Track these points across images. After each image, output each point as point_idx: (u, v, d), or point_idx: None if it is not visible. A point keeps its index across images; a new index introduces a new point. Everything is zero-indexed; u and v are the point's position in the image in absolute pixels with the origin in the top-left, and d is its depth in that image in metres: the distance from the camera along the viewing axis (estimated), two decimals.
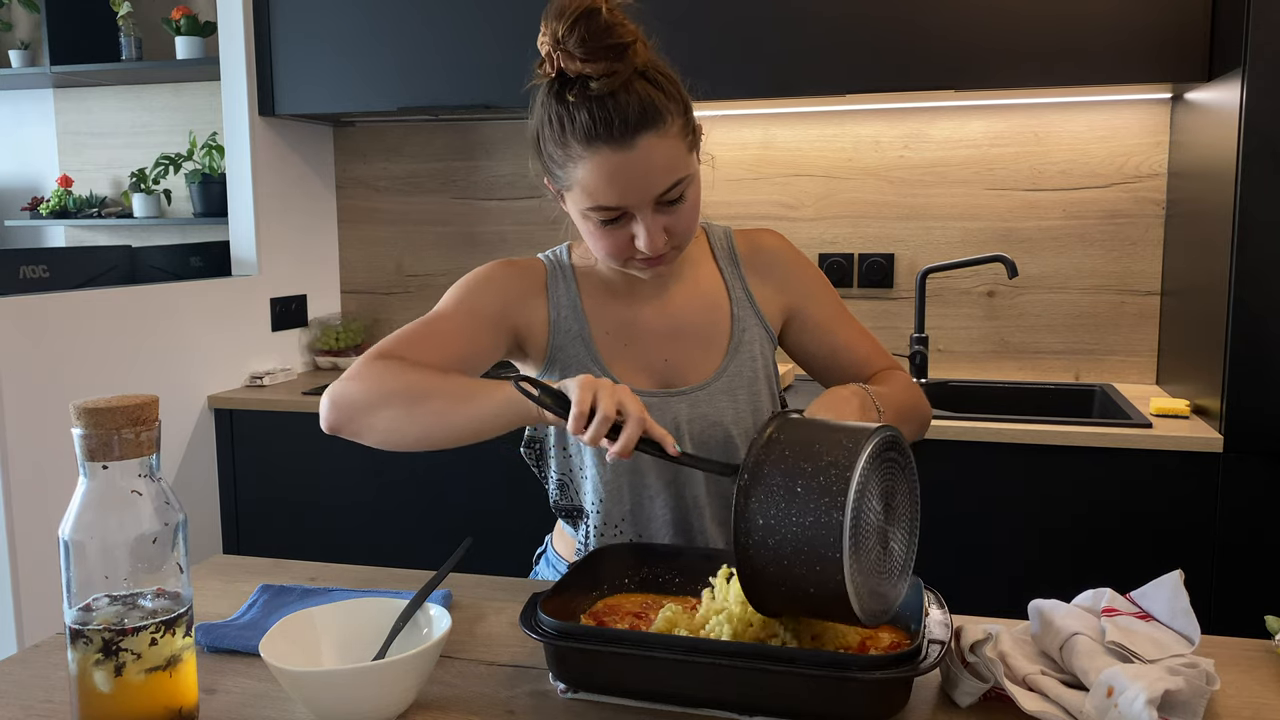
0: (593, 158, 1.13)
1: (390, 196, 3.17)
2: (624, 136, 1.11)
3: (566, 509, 1.35)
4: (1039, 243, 2.68)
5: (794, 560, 0.88)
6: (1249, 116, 1.96)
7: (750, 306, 1.34)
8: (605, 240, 1.19)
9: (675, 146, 1.15)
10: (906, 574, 0.97)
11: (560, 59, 1.12)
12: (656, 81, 1.14)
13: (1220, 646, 1.06)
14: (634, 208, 1.16)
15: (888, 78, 2.40)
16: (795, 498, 0.89)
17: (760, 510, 0.90)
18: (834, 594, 0.87)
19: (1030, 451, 2.15)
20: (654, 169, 1.14)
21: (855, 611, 0.88)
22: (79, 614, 0.85)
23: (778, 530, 0.89)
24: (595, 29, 1.09)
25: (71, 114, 3.43)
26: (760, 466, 0.92)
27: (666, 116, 1.13)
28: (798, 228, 2.82)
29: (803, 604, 0.91)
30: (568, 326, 1.30)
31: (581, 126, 1.12)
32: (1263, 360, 2.01)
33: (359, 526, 2.62)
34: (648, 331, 1.31)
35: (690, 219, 1.20)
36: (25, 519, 2.17)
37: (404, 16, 2.67)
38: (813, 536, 0.87)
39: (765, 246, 1.38)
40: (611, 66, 1.10)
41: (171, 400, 2.57)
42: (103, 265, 2.72)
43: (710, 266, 1.36)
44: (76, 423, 0.84)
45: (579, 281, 1.32)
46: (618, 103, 1.11)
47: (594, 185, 1.14)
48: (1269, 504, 2.04)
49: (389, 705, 0.91)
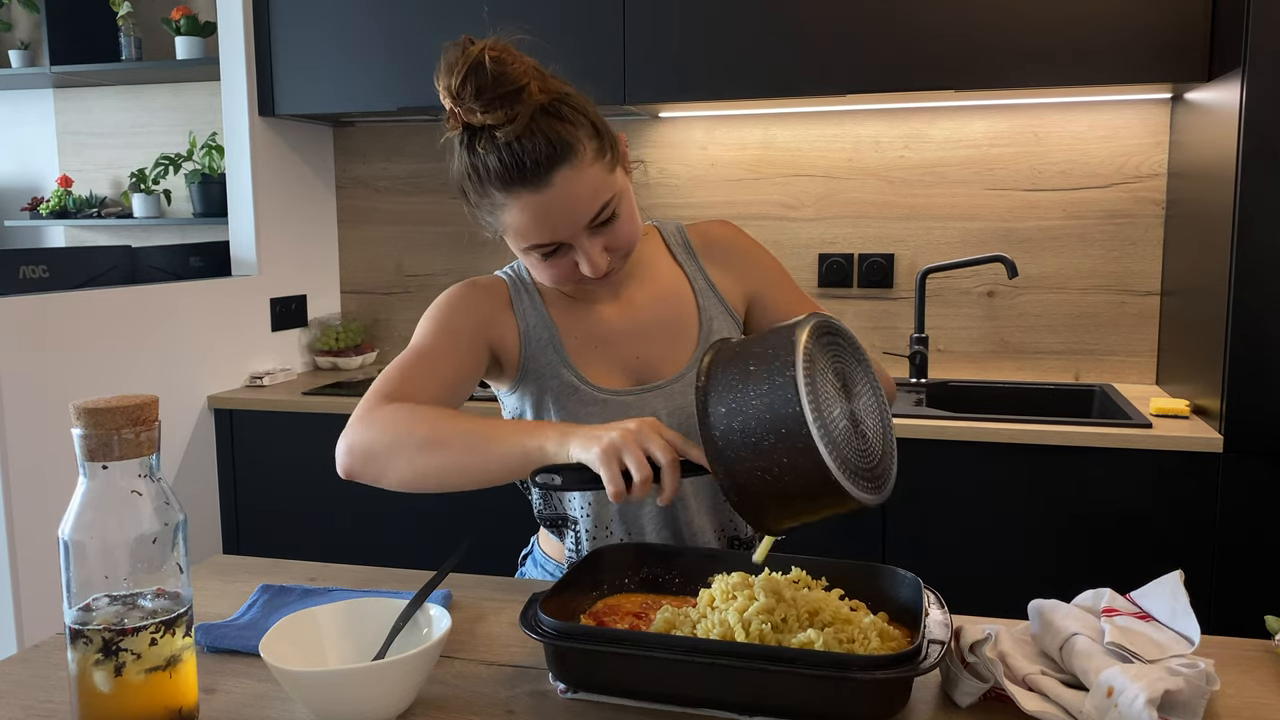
0: (514, 202, 1.14)
1: (390, 196, 3.17)
2: (538, 177, 1.12)
3: (551, 518, 1.36)
4: (1039, 243, 2.68)
5: (761, 433, 0.90)
6: (1249, 116, 1.96)
7: (714, 296, 1.35)
8: (550, 271, 1.21)
9: (593, 173, 1.15)
10: (891, 454, 0.97)
11: (461, 113, 1.13)
12: (560, 114, 1.14)
13: (1220, 646, 1.06)
14: (568, 239, 1.17)
15: (888, 78, 2.40)
16: (749, 376, 0.92)
17: (719, 399, 0.93)
18: (806, 454, 0.87)
19: (1030, 451, 2.15)
20: (576, 201, 1.15)
21: (833, 473, 0.87)
22: (79, 614, 0.85)
23: (740, 411, 0.91)
24: (484, 82, 1.10)
25: (71, 114, 3.43)
26: (713, 367, 0.96)
27: (577, 147, 1.14)
28: (798, 228, 2.82)
29: (784, 487, 0.90)
30: (538, 336, 1.31)
31: (496, 174, 1.13)
32: (1263, 360, 2.01)
33: (359, 526, 2.62)
34: (615, 332, 1.32)
35: (628, 230, 1.21)
36: (25, 519, 2.17)
37: (404, 16, 2.67)
38: (771, 401, 0.89)
39: (720, 237, 1.40)
40: (510, 113, 1.11)
41: (171, 400, 2.57)
42: (103, 265, 2.72)
43: (668, 262, 1.37)
44: (76, 423, 0.84)
45: (542, 292, 1.34)
46: (523, 146, 1.11)
47: (523, 227, 1.16)
48: (1269, 504, 2.04)
49: (389, 705, 0.91)
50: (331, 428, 2.72)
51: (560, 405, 1.28)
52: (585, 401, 1.28)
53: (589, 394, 1.28)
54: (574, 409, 1.28)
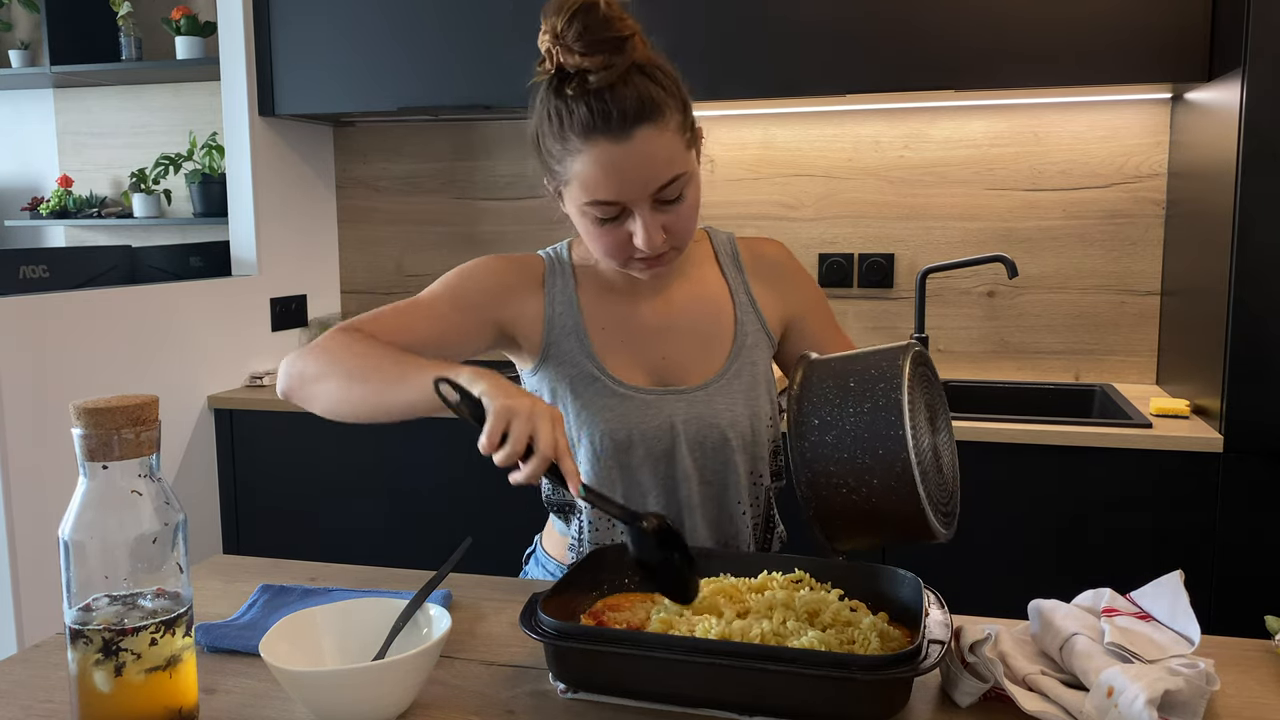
0: (590, 150, 1.13)
1: (390, 196, 3.17)
2: (621, 128, 1.11)
3: (558, 504, 1.35)
4: (1039, 243, 2.68)
5: (856, 450, 0.90)
6: (1249, 116, 1.96)
7: (753, 311, 1.34)
8: (604, 239, 1.19)
9: (673, 142, 1.15)
10: (958, 492, 0.99)
11: (559, 54, 1.12)
12: (655, 77, 1.14)
13: (1220, 646, 1.06)
14: (632, 202, 1.15)
15: (888, 78, 2.40)
16: (848, 392, 0.92)
17: (814, 410, 0.93)
18: (901, 478, 0.88)
19: (1030, 451, 2.15)
20: (651, 162, 1.13)
21: (923, 500, 0.88)
22: (79, 614, 0.85)
23: (835, 425, 0.91)
24: (593, 22, 1.10)
25: (71, 114, 3.43)
26: (808, 377, 0.96)
27: (665, 110, 1.13)
28: (798, 228, 2.82)
29: (870, 507, 0.91)
30: (563, 322, 1.29)
31: (580, 120, 1.12)
32: (1263, 360, 2.01)
33: (359, 526, 2.62)
34: (646, 328, 1.31)
35: (689, 219, 1.20)
36: (25, 519, 2.17)
37: (403, 16, 2.67)
38: (873, 420, 0.89)
39: (769, 255, 1.39)
40: (609, 60, 1.10)
41: (171, 400, 2.57)
42: (103, 265, 2.72)
43: (713, 269, 1.36)
44: (76, 423, 0.84)
45: (577, 278, 1.32)
46: (615, 95, 1.11)
47: (592, 179, 1.14)
48: (1269, 504, 2.04)
49: (389, 705, 0.91)
50: (331, 428, 2.72)
51: (577, 395, 1.27)
52: (602, 394, 1.27)
53: (607, 386, 1.27)
54: (590, 399, 1.27)
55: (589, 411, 1.26)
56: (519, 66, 2.96)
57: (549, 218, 1.30)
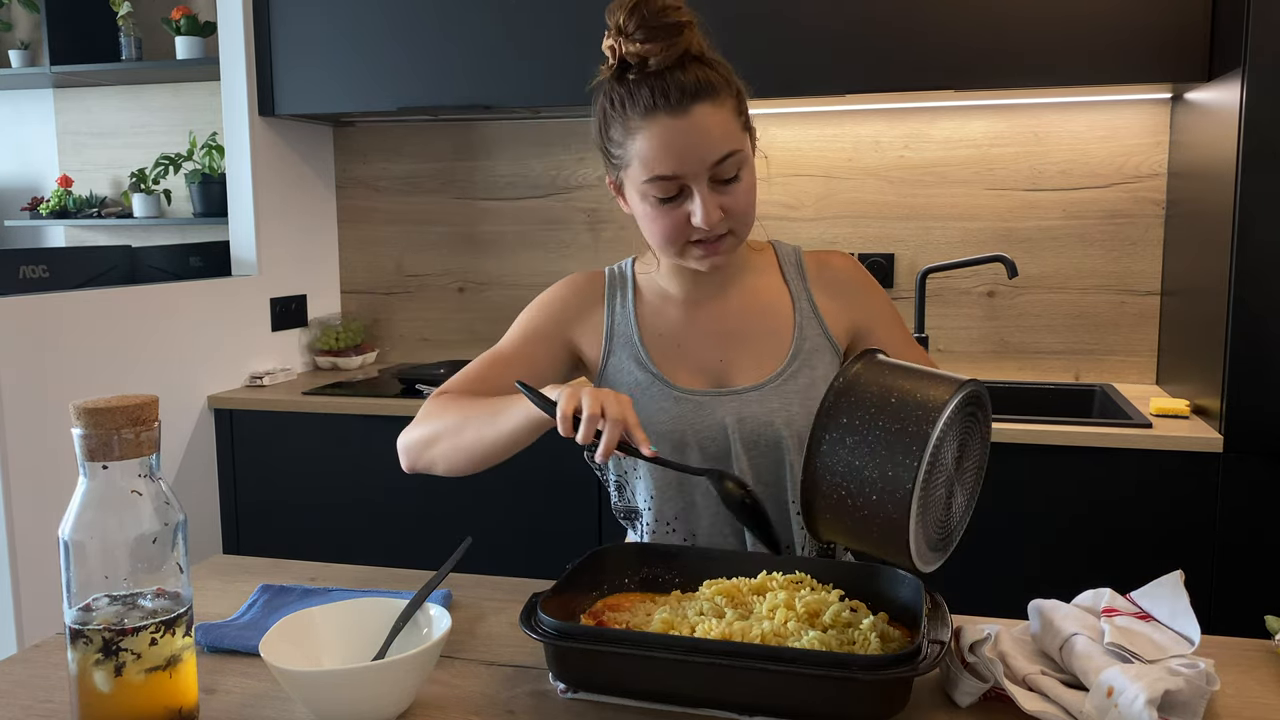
0: (650, 127, 1.19)
1: (390, 196, 3.17)
2: (680, 104, 1.18)
3: (624, 510, 1.38)
4: (1039, 243, 2.68)
5: (868, 464, 0.90)
6: (1249, 116, 1.96)
7: (815, 319, 1.35)
8: (662, 220, 1.23)
9: (729, 120, 1.22)
10: (958, 535, 0.98)
11: (622, 45, 1.20)
12: (712, 64, 1.22)
13: (1220, 646, 1.06)
14: (690, 178, 1.20)
15: (887, 78, 2.40)
16: (886, 406, 0.92)
17: (848, 410, 0.93)
18: (898, 507, 0.88)
19: (1030, 451, 2.15)
20: (708, 135, 1.19)
21: (909, 536, 0.88)
22: (79, 614, 0.85)
23: (858, 430, 0.91)
24: (652, 9, 1.18)
25: (71, 114, 3.43)
26: (860, 375, 0.96)
27: (721, 91, 1.21)
28: (798, 228, 2.82)
29: (859, 518, 0.92)
30: (620, 331, 1.34)
31: (642, 100, 1.19)
32: (1263, 360, 2.01)
33: (359, 526, 2.62)
34: (702, 334, 1.33)
35: (746, 201, 1.25)
36: (25, 519, 2.17)
37: (404, 16, 2.67)
38: (893, 443, 0.89)
39: (835, 265, 1.41)
40: (669, 44, 1.18)
41: (171, 400, 2.57)
42: (103, 265, 2.72)
43: (776, 278, 1.38)
44: (76, 423, 0.84)
45: (637, 290, 1.37)
46: (674, 76, 1.19)
47: (651, 154, 1.19)
48: (1269, 504, 2.04)
49: (389, 705, 0.91)
50: (331, 428, 2.73)
51: (634, 401, 1.28)
52: (657, 398, 1.30)
53: (662, 390, 1.30)
54: (646, 404, 1.29)
55: (645, 416, 1.28)
56: (519, 66, 2.96)
57: (549, 218, 1.31)
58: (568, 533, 2.45)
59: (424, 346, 3.17)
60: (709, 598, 1.04)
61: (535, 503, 2.48)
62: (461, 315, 3.12)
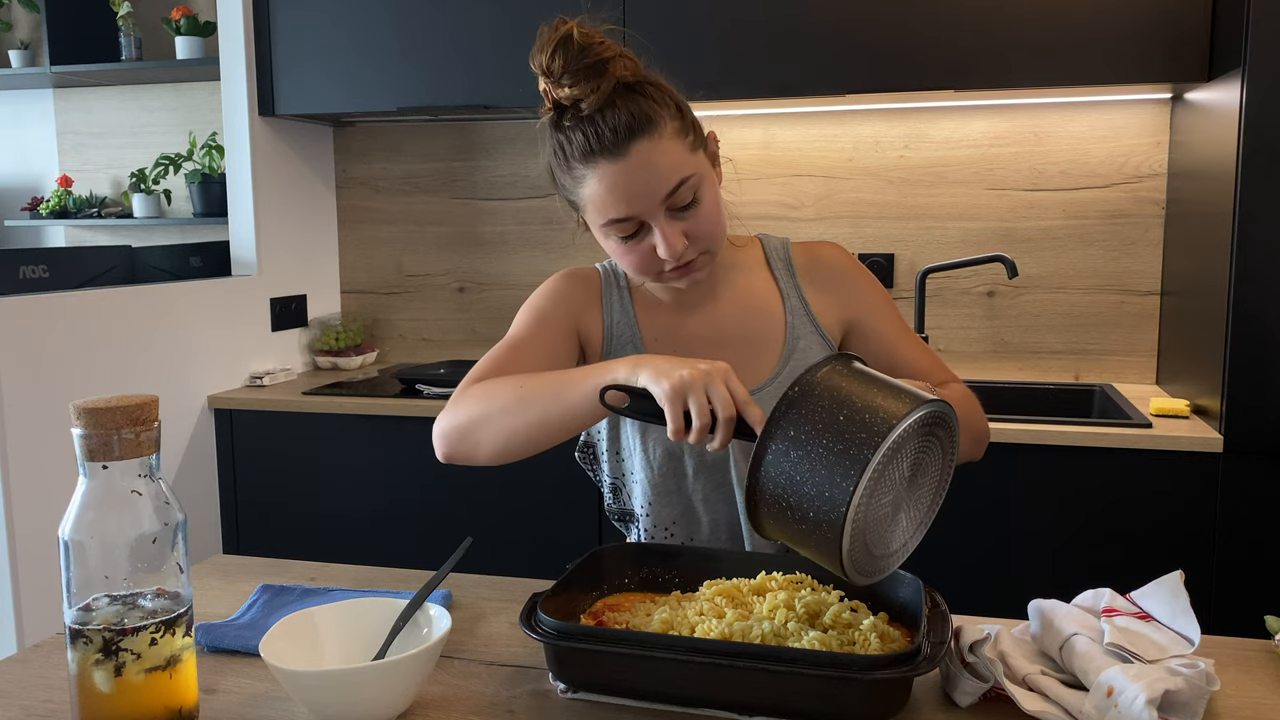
0: (594, 173, 1.16)
1: (390, 196, 3.17)
2: (616, 146, 1.14)
3: (619, 513, 1.38)
4: (1039, 243, 2.68)
5: (807, 477, 0.88)
6: (1249, 116, 1.96)
7: (806, 316, 1.34)
8: (630, 256, 1.21)
9: (672, 148, 1.17)
10: (899, 559, 0.96)
11: (551, 90, 1.17)
12: (643, 91, 1.17)
13: (1220, 646, 1.06)
14: (645, 215, 1.17)
15: (888, 78, 2.40)
16: (835, 423, 0.89)
17: (797, 421, 0.90)
18: (832, 526, 0.87)
19: (1030, 451, 2.15)
20: (654, 171, 1.15)
21: (842, 552, 0.87)
22: (79, 614, 0.85)
23: (803, 443, 0.89)
24: (572, 53, 1.14)
25: (71, 114, 3.43)
26: (817, 384, 0.92)
27: (657, 121, 1.16)
28: (798, 228, 2.82)
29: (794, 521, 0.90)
30: (620, 333, 1.33)
31: (579, 146, 1.16)
32: (1263, 360, 2.01)
33: (359, 526, 2.62)
34: (696, 338, 1.32)
35: (710, 221, 1.21)
36: (25, 519, 2.17)
37: (404, 16, 2.67)
38: (834, 462, 0.87)
39: (824, 258, 1.38)
40: (594, 84, 1.14)
41: (171, 400, 2.57)
42: (103, 265, 2.72)
43: (764, 275, 1.37)
44: (76, 423, 0.84)
45: (631, 289, 1.35)
46: (604, 117, 1.14)
47: (600, 199, 1.17)
48: (1269, 504, 2.04)
49: (389, 705, 0.91)
50: (331, 428, 2.72)
51: None
52: None
53: None
54: None
55: (641, 423, 1.28)
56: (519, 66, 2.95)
57: (549, 218, 1.31)
58: (568, 533, 2.45)
59: (424, 346, 3.17)
60: (709, 598, 1.04)
61: (535, 503, 2.48)
62: (461, 315, 3.12)
